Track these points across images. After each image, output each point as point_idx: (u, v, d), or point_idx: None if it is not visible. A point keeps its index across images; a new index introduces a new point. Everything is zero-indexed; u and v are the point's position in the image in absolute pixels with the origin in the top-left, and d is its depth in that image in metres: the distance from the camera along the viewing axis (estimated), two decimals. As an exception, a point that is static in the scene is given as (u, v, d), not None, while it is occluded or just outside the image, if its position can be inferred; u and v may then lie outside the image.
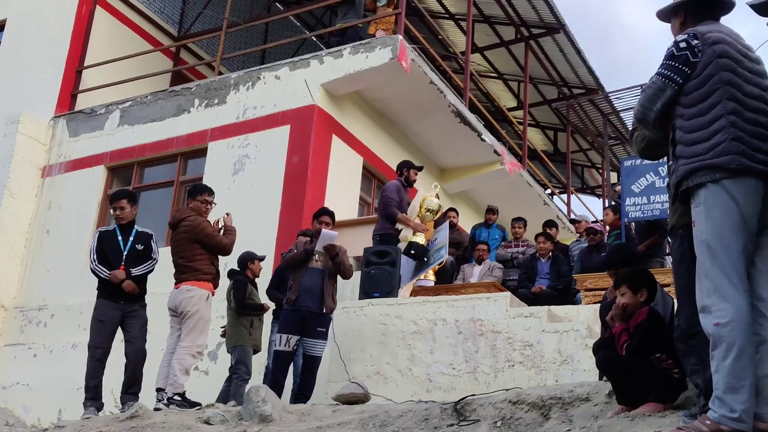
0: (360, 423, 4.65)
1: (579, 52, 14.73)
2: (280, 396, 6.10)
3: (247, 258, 7.74)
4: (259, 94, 10.55)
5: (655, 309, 4.06)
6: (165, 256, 6.82)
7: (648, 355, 3.86)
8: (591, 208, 19.59)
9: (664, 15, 3.75)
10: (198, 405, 6.04)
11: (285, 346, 6.71)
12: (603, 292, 6.71)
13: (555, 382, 6.24)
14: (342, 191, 10.27)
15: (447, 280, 9.11)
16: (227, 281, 7.66)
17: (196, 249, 6.51)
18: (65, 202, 11.56)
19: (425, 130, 11.69)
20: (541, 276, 9.13)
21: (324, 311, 6.85)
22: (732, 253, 3.18)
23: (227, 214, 6.93)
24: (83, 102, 12.33)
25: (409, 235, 8.30)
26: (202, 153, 10.78)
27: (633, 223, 8.82)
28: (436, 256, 8.42)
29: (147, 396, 6.32)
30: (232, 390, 7.19)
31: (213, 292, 6.58)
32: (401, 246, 8.24)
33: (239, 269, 7.72)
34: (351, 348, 7.59)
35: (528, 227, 10.39)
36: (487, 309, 7.19)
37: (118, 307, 6.45)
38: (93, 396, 6.31)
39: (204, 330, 6.45)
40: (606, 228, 9.40)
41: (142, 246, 6.61)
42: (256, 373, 7.73)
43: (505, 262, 9.76)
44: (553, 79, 15.71)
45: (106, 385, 6.45)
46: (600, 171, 18.99)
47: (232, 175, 10.22)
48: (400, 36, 10.03)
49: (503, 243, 10.29)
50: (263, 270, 7.95)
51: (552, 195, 17.04)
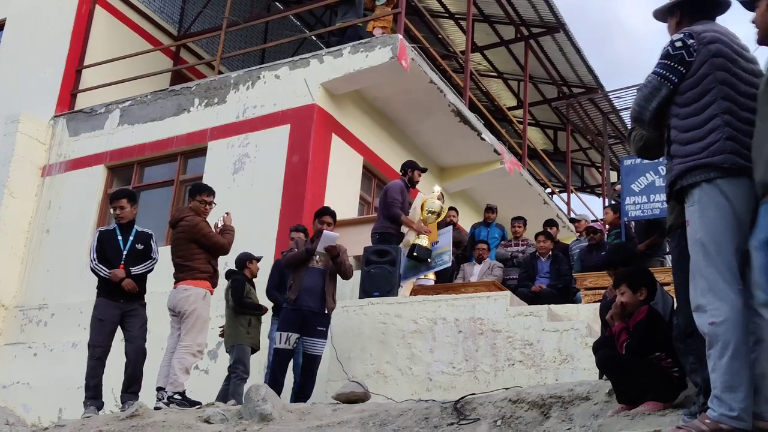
0: (360, 422, 4.66)
1: (579, 51, 14.71)
2: (279, 394, 6.10)
3: (245, 258, 7.76)
4: (259, 93, 10.54)
5: (655, 308, 4.06)
6: (165, 255, 6.83)
7: (648, 354, 3.87)
8: (591, 207, 19.51)
9: (660, 14, 3.76)
10: (198, 404, 6.04)
11: (285, 343, 6.71)
12: (603, 291, 6.72)
13: (555, 380, 6.25)
14: (342, 190, 10.27)
15: (447, 279, 9.12)
16: (226, 281, 7.67)
17: (193, 249, 6.51)
18: (65, 201, 11.56)
19: (425, 129, 11.68)
20: (541, 275, 9.14)
21: (325, 311, 6.86)
22: (726, 253, 3.18)
23: (227, 213, 6.93)
24: (83, 101, 12.33)
25: (412, 238, 8.29)
26: (202, 152, 10.78)
27: (633, 222, 8.81)
28: (438, 260, 8.41)
29: (147, 395, 6.32)
30: (230, 389, 7.20)
31: (211, 290, 6.59)
32: (402, 247, 8.24)
33: (237, 269, 7.75)
34: (351, 347, 7.60)
35: (528, 226, 10.40)
36: (487, 308, 7.20)
37: (117, 306, 6.45)
38: (93, 395, 6.32)
39: (203, 328, 6.46)
40: (606, 227, 9.39)
41: (142, 245, 6.62)
42: (255, 372, 7.74)
43: (505, 261, 9.77)
44: (553, 79, 15.71)
45: (106, 384, 6.46)
46: (600, 170, 18.99)
47: (232, 175, 10.22)
48: (400, 35, 10.02)
49: (503, 242, 10.30)
50: (261, 270, 7.95)
51: (552, 194, 17.04)
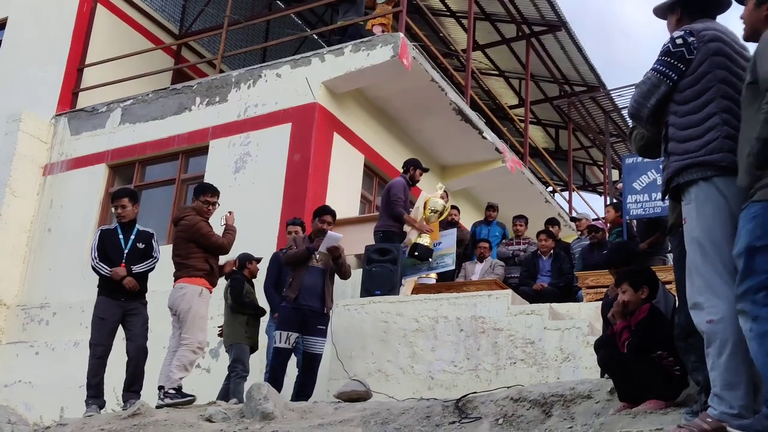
0: (362, 420, 4.66)
1: (580, 49, 14.70)
2: (279, 393, 6.09)
3: (245, 258, 7.79)
4: (261, 92, 10.54)
5: (657, 306, 4.06)
6: (166, 254, 6.83)
7: (649, 353, 3.86)
8: (592, 205, 19.54)
9: (660, 12, 3.75)
10: (190, 396, 6.02)
11: (285, 343, 6.71)
12: (604, 289, 6.72)
13: (557, 379, 6.24)
14: (343, 189, 10.27)
15: (448, 277, 9.11)
16: (225, 281, 7.66)
17: (191, 248, 6.51)
18: (67, 200, 11.56)
19: (426, 127, 11.68)
20: (543, 273, 9.14)
21: (324, 310, 6.87)
22: (723, 251, 3.17)
23: (229, 212, 6.92)
24: (84, 100, 12.34)
25: (413, 237, 8.28)
26: (203, 151, 10.78)
27: (634, 221, 8.81)
28: (440, 261, 8.39)
29: (149, 394, 6.32)
30: (230, 388, 7.20)
31: (210, 288, 6.54)
32: (404, 246, 8.23)
33: (237, 269, 7.76)
34: (352, 346, 7.59)
35: (529, 225, 10.39)
36: (489, 306, 7.19)
37: (118, 305, 6.45)
38: (95, 394, 6.32)
39: (202, 326, 6.42)
40: (607, 225, 9.39)
41: (143, 244, 6.62)
42: (256, 371, 7.73)
43: (507, 259, 9.76)
44: (555, 77, 15.69)
45: (107, 383, 6.45)
46: (601, 168, 18.97)
47: (233, 173, 10.22)
48: (401, 34, 10.01)
49: (504, 240, 10.29)
50: (260, 271, 7.95)
51: (553, 192, 17.03)
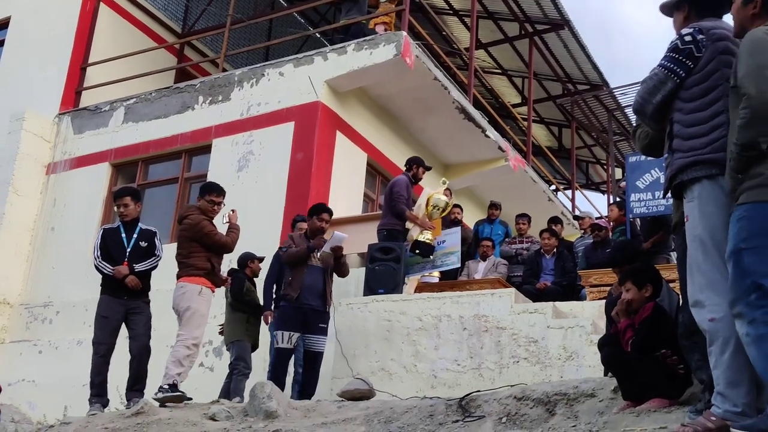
0: (365, 419, 4.66)
1: (583, 48, 14.68)
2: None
3: (247, 258, 7.84)
4: (263, 90, 10.55)
5: (660, 304, 4.05)
6: (169, 252, 6.83)
7: (653, 351, 3.85)
8: (596, 204, 19.54)
9: (667, 9, 3.73)
10: (181, 393, 5.98)
11: (287, 343, 6.71)
12: (608, 288, 6.71)
13: (560, 378, 6.24)
14: (346, 187, 10.27)
15: (452, 276, 9.11)
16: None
17: (193, 246, 6.49)
18: (70, 199, 11.58)
19: (429, 126, 11.68)
20: (546, 272, 9.12)
21: (325, 309, 6.88)
22: (724, 249, 3.14)
23: (232, 210, 6.92)
24: (87, 99, 12.35)
25: (415, 234, 8.27)
26: (206, 150, 10.79)
27: (638, 219, 8.80)
28: (444, 260, 8.38)
29: (152, 393, 6.31)
30: (232, 385, 7.21)
31: (211, 287, 6.52)
32: (406, 243, 8.23)
33: (239, 268, 7.80)
34: (356, 344, 7.59)
35: (532, 223, 10.39)
36: (492, 305, 7.19)
37: (121, 303, 6.45)
38: (98, 392, 6.32)
39: (200, 323, 6.40)
40: (611, 224, 9.37)
41: (146, 243, 6.62)
42: (260, 370, 7.74)
43: (510, 258, 9.75)
44: (558, 76, 15.67)
45: (111, 382, 6.45)
46: (604, 167, 18.96)
47: (236, 172, 10.22)
48: (404, 32, 10.01)
49: (507, 239, 10.28)
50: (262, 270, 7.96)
51: (556, 191, 17.03)
